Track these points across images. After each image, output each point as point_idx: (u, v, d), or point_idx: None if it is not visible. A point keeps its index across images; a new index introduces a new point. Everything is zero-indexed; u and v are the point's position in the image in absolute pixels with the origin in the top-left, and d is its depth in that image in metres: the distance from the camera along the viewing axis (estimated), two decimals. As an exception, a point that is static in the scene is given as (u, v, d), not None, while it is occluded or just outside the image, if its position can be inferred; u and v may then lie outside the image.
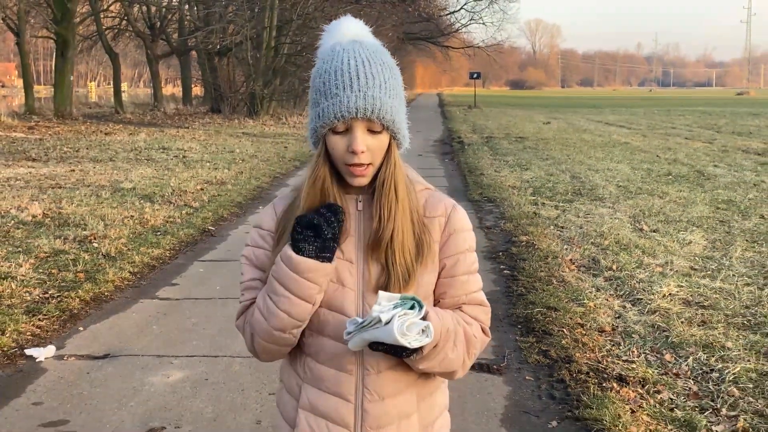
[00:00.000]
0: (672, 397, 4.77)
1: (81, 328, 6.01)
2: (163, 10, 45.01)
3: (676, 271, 7.73)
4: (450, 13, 65.09)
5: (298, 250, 1.89)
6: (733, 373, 5.05)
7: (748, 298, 6.79)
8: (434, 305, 2.05)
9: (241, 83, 37.04)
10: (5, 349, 5.44)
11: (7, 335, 5.61)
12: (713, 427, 4.35)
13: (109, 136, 24.87)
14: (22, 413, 4.47)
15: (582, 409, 4.57)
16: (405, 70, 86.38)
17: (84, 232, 9.21)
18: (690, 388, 4.91)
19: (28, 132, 26.00)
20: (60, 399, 4.68)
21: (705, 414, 4.52)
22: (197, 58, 47.74)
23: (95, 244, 8.60)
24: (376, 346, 1.83)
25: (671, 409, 4.58)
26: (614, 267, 7.91)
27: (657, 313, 6.38)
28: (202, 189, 13.06)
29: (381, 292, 1.84)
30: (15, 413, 4.48)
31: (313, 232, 1.89)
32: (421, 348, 1.85)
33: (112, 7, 43.68)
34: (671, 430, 4.31)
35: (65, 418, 4.42)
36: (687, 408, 4.59)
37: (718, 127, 33.40)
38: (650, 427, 4.32)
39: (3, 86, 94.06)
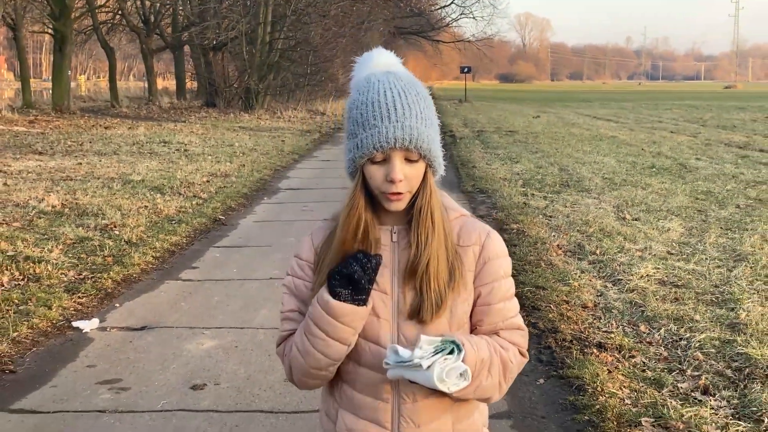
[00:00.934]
0: (644, 360, 5.46)
1: (117, 305, 6.69)
2: (158, 5, 45.53)
3: (654, 255, 8.43)
4: (441, 7, 65.74)
5: (334, 294, 1.95)
6: (699, 341, 5.74)
7: (717, 278, 7.49)
8: (471, 332, 2.12)
9: (236, 78, 37.61)
10: (54, 321, 6.11)
11: (54, 310, 6.29)
12: (679, 384, 5.04)
13: (109, 130, 25.45)
14: (79, 374, 5.15)
15: (566, 369, 5.27)
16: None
17: (103, 221, 9.85)
18: (661, 353, 5.60)
19: (29, 126, 26.54)
20: (110, 362, 5.35)
21: (672, 374, 5.20)
22: (191, 53, 48.29)
23: (116, 232, 9.26)
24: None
25: (643, 370, 5.26)
26: (598, 252, 8.60)
27: (635, 292, 7.07)
28: (208, 181, 13.72)
29: (422, 336, 1.88)
30: (74, 374, 5.15)
31: (350, 277, 1.93)
32: None
33: (106, 2, 44.20)
34: (642, 386, 4.99)
35: (118, 377, 5.10)
36: (657, 369, 5.28)
37: (703, 120, 34.18)
38: (624, 384, 5.01)
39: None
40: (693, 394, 4.88)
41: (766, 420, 4.45)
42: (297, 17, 36.32)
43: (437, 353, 1.86)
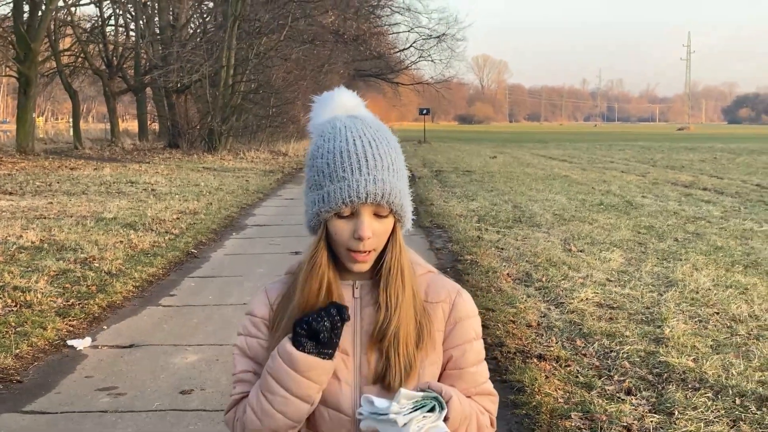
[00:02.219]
0: (578, 369, 6.21)
1: (105, 327, 7.35)
2: (120, 48, 46.20)
3: (594, 281, 9.23)
4: (399, 50, 67.09)
5: (298, 345, 1.82)
6: (626, 352, 6.51)
7: (648, 300, 8.30)
8: None
9: (198, 119, 38.29)
10: (50, 340, 6.76)
11: (49, 330, 6.93)
12: (606, 387, 5.79)
13: (76, 171, 25.95)
14: (79, 383, 5.81)
15: (508, 375, 6.02)
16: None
17: (83, 255, 10.46)
18: (593, 363, 6.36)
19: (-5, 168, 26.98)
20: (105, 374, 6.01)
21: (601, 379, 5.96)
22: (153, 95, 48.93)
23: (96, 264, 9.89)
24: None
25: (576, 376, 6.02)
26: (544, 279, 9.39)
27: (574, 313, 7.84)
28: (178, 218, 14.37)
29: (402, 390, 1.77)
30: (74, 383, 5.81)
31: (317, 330, 1.81)
32: None
33: (68, 45, 44.79)
34: (574, 389, 5.74)
35: (114, 385, 5.76)
36: (588, 375, 6.03)
37: (654, 161, 35.48)
38: (558, 387, 5.76)
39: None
40: (618, 394, 5.64)
41: (676, 413, 5.21)
42: (259, 60, 37.21)
43: (416, 410, 1.74)
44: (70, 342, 6.74)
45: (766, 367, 6.08)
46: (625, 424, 5.06)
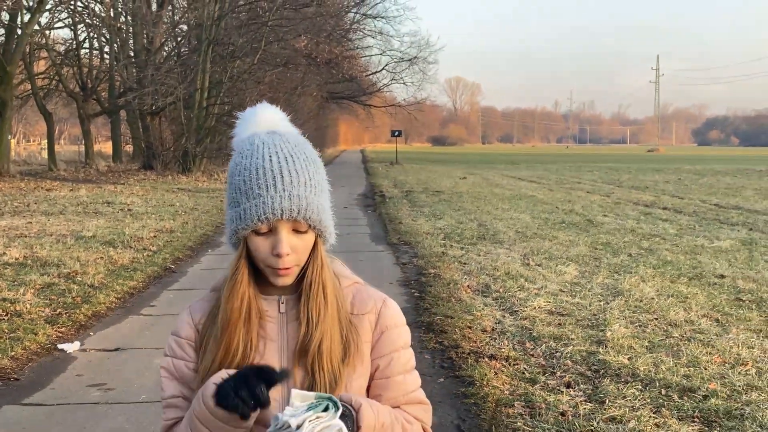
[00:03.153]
0: (525, 367, 6.86)
1: (91, 333, 7.93)
2: (94, 71, 46.70)
3: (548, 292, 9.91)
4: (372, 73, 67.93)
5: (221, 399, 1.77)
6: (570, 353, 7.18)
7: (595, 308, 8.98)
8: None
9: (173, 141, 38.80)
10: (42, 344, 7.35)
11: (40, 336, 7.51)
12: (548, 382, 6.44)
13: (52, 192, 26.41)
14: (71, 380, 6.40)
15: (461, 371, 6.67)
16: (329, 127, 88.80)
17: (65, 270, 11.00)
18: (539, 362, 7.01)
19: (-28, 188, 27.37)
20: (94, 372, 6.60)
21: (545, 375, 6.61)
22: (127, 117, 49.40)
23: (79, 278, 10.44)
24: None
25: (522, 373, 6.67)
26: (501, 290, 10.06)
27: (527, 319, 8.50)
28: (155, 236, 14.93)
29: (294, 391, 1.77)
30: (67, 380, 6.40)
31: (234, 403, 1.75)
32: None
33: (43, 67, 45.27)
34: (520, 383, 6.38)
35: (103, 382, 6.36)
36: (534, 372, 6.68)
37: (620, 182, 36.39)
38: (505, 382, 6.40)
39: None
40: (558, 387, 6.29)
41: (607, 401, 5.86)
42: (233, 83, 37.84)
43: (309, 410, 1.72)
44: (60, 346, 7.32)
45: (692, 364, 6.76)
46: (561, 410, 5.71)
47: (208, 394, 1.80)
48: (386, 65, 65.42)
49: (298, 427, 1.69)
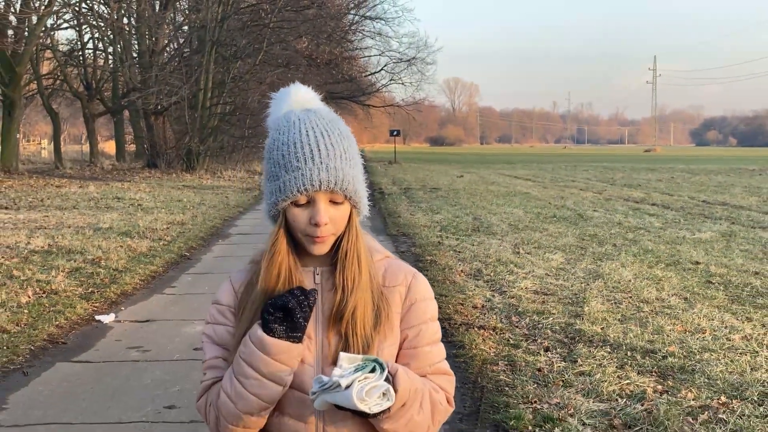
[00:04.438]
0: (510, 335, 7.75)
1: (123, 308, 8.85)
2: (98, 71, 47.62)
3: (535, 275, 10.81)
4: (371, 73, 68.67)
5: (268, 331, 1.88)
6: (550, 324, 8.08)
7: (577, 288, 9.88)
8: None
9: (176, 140, 39.67)
10: (81, 316, 8.25)
11: (78, 309, 8.43)
12: (529, 346, 7.33)
13: (62, 189, 27.28)
14: (112, 344, 7.31)
15: (453, 338, 7.56)
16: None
17: (90, 257, 11.89)
18: (523, 332, 7.90)
19: (-16, 185, 28.24)
20: (131, 338, 7.51)
21: (527, 341, 7.51)
22: (130, 117, 50.29)
23: (104, 263, 11.34)
24: (341, 406, 1.81)
25: (507, 340, 7.56)
26: (492, 274, 10.96)
27: (514, 298, 9.40)
28: (168, 228, 15.82)
29: (342, 354, 1.84)
30: (107, 344, 7.31)
31: (284, 313, 1.88)
32: (387, 410, 1.85)
33: (49, 68, 46.16)
34: (504, 348, 7.28)
35: (140, 345, 7.27)
36: (517, 339, 7.58)
37: (613, 180, 37.25)
38: (491, 346, 7.30)
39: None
40: (538, 351, 7.18)
41: (579, 361, 6.76)
42: (235, 84, 38.75)
43: (357, 371, 1.80)
44: (97, 317, 8.24)
45: (657, 332, 7.66)
46: (538, 367, 6.62)
47: (254, 330, 1.91)
48: (385, 66, 66.17)
49: (348, 386, 1.75)
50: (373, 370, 1.81)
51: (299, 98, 2.09)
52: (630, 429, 5.25)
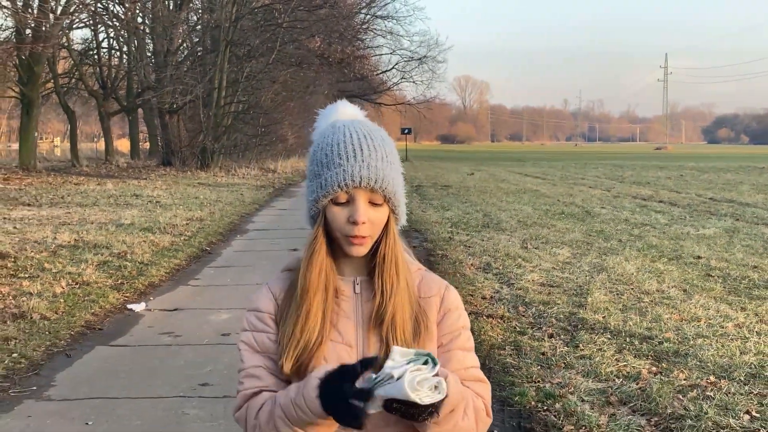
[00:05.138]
0: (517, 324, 8.25)
1: (151, 298, 9.38)
2: (113, 70, 48.28)
3: (542, 269, 11.30)
4: (382, 72, 69.24)
5: (324, 400, 1.81)
6: (554, 313, 8.57)
7: (581, 281, 10.37)
8: None
9: (190, 138, 40.26)
10: (114, 305, 8.79)
11: (111, 298, 8.97)
12: (535, 333, 7.83)
13: (80, 186, 27.87)
14: (145, 330, 7.85)
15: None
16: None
17: (116, 251, 12.42)
18: (529, 320, 8.40)
19: (5, 183, 28.79)
20: (162, 325, 8.04)
21: (533, 329, 8.00)
22: (144, 115, 50.96)
23: (129, 257, 11.87)
24: (390, 407, 1.78)
25: (514, 328, 8.06)
26: (500, 268, 11.45)
27: (521, 290, 9.89)
28: (187, 223, 16.36)
29: (395, 347, 1.83)
30: (141, 330, 7.85)
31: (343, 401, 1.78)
32: (436, 411, 1.82)
33: (65, 67, 46.84)
34: (511, 334, 7.77)
35: (171, 330, 7.81)
36: (524, 327, 8.07)
37: (622, 178, 37.65)
38: (499, 333, 7.79)
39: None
40: (542, 337, 7.68)
41: (580, 346, 7.25)
42: (249, 83, 39.29)
43: (410, 363, 1.79)
44: (129, 306, 8.78)
45: (655, 320, 8.15)
46: (542, 351, 7.12)
47: (312, 398, 1.84)
48: (396, 64, 66.78)
49: (399, 377, 1.74)
50: (425, 363, 1.79)
51: (345, 112, 2.17)
52: (625, 405, 5.74)
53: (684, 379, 6.20)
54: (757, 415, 5.42)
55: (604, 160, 68.20)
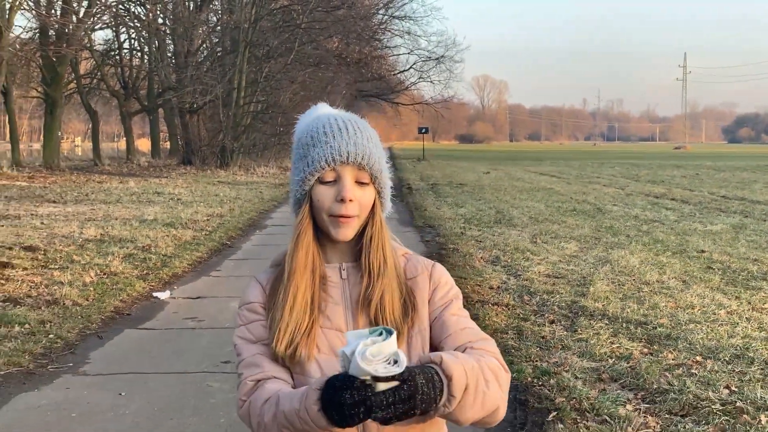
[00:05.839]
0: (521, 311, 8.71)
1: (175, 287, 9.92)
2: (135, 71, 49.05)
3: (548, 261, 11.75)
4: (400, 72, 69.74)
5: (324, 407, 1.74)
6: (557, 301, 9.02)
7: (586, 272, 10.81)
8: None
9: (210, 137, 40.91)
10: (140, 293, 9.33)
11: (137, 287, 9.51)
12: (537, 320, 8.28)
13: (103, 184, 28.54)
14: (170, 315, 8.38)
15: (468, 311, 8.51)
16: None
17: (140, 244, 12.96)
18: (533, 308, 8.85)
19: (30, 181, 29.52)
20: (186, 310, 8.57)
21: (535, 316, 8.46)
22: (164, 115, 51.71)
23: (153, 250, 12.41)
24: (384, 416, 1.68)
25: (518, 314, 8.52)
26: (509, 261, 11.91)
27: (527, 280, 10.34)
28: (208, 219, 16.92)
29: (348, 332, 1.77)
30: (166, 315, 8.39)
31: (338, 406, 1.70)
32: (448, 400, 1.76)
33: (86, 68, 47.64)
34: (515, 320, 8.23)
35: (195, 315, 8.34)
36: (527, 314, 8.53)
37: (637, 177, 37.95)
38: (503, 319, 8.26)
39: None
40: (544, 323, 8.14)
41: (579, 330, 7.70)
42: (268, 83, 39.90)
43: (365, 339, 1.70)
44: (154, 294, 9.31)
45: (652, 308, 8.59)
46: (542, 335, 7.58)
47: (313, 406, 1.77)
48: (414, 64, 67.27)
49: (352, 354, 1.66)
50: (380, 335, 1.70)
51: (324, 110, 2.18)
52: (615, 382, 6.20)
53: (672, 359, 6.65)
54: (736, 389, 5.87)
55: (621, 159, 68.40)
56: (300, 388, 1.87)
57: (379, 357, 1.66)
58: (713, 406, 5.48)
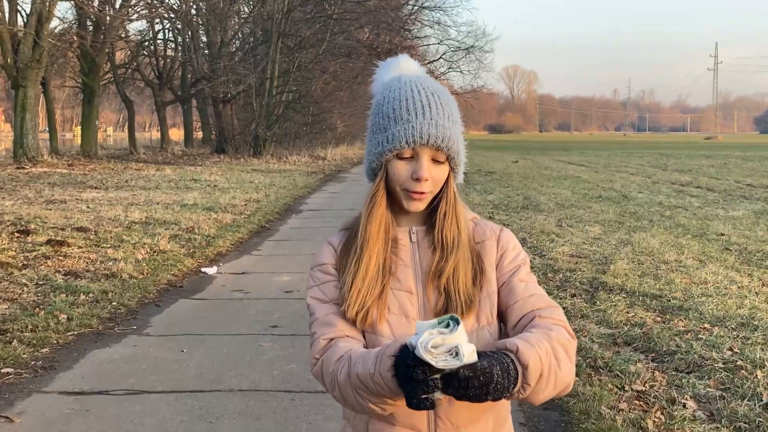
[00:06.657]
0: (545, 287, 9.16)
1: (221, 264, 10.62)
2: (168, 61, 49.96)
3: (572, 243, 12.32)
4: (429, 62, 70.00)
5: (398, 375, 1.74)
6: (579, 278, 9.61)
7: (607, 252, 11.38)
8: (505, 322, 2.07)
9: (243, 126, 41.68)
10: (190, 269, 10.05)
11: (187, 263, 10.22)
12: (559, 294, 8.87)
13: (141, 172, 29.32)
14: (219, 288, 9.08)
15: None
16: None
17: (184, 226, 13.67)
18: (556, 284, 9.44)
19: (70, 168, 30.36)
20: (234, 284, 9.26)
21: (558, 291, 9.05)
22: (197, 105, 52.56)
23: (197, 231, 13.11)
24: (455, 393, 1.69)
25: (542, 289, 9.11)
26: (535, 242, 12.49)
27: (552, 260, 10.94)
28: (245, 204, 17.62)
29: (418, 322, 1.77)
30: (215, 288, 9.09)
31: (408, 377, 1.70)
32: (523, 388, 1.78)
33: (122, 58, 48.60)
34: (538, 294, 8.83)
35: (241, 288, 9.03)
36: (550, 289, 9.09)
37: (665, 166, 38.25)
38: (528, 292, 8.85)
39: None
40: (566, 297, 8.74)
41: (598, 302, 8.30)
42: (300, 73, 40.60)
43: (432, 329, 1.70)
44: (202, 269, 10.02)
45: (668, 283, 9.16)
46: (564, 307, 8.17)
47: (386, 370, 1.78)
48: (443, 54, 67.47)
49: (420, 342, 1.67)
50: (447, 326, 1.71)
51: (408, 67, 2.16)
52: (628, 345, 6.80)
53: (682, 327, 7.24)
54: (738, 351, 6.46)
55: (651, 149, 68.50)
56: (372, 350, 1.88)
57: (441, 349, 1.67)
58: (716, 365, 6.08)
